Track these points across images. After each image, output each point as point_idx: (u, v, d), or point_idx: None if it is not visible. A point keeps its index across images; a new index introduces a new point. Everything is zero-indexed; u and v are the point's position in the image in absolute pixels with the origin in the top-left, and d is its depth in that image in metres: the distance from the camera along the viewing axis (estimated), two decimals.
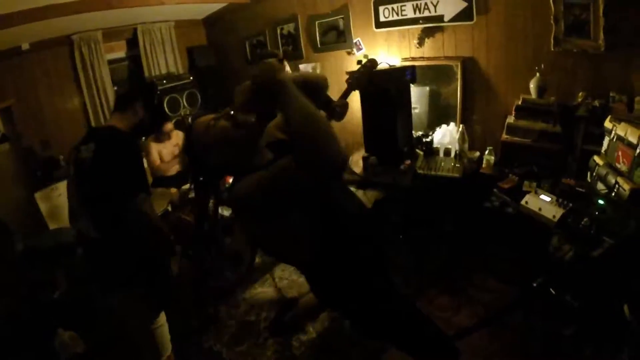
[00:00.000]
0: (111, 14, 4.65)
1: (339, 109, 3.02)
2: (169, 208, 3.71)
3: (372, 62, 2.99)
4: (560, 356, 2.54)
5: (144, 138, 4.92)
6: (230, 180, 1.71)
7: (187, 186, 4.32)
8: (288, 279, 3.92)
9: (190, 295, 3.58)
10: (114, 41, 5.89)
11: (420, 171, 3.71)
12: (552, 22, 3.25)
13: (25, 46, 5.03)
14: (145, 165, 4.96)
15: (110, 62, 5.83)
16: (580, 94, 3.20)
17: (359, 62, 3.42)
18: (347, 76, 2.93)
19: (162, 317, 2.67)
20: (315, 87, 1.88)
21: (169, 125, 4.67)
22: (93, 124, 5.65)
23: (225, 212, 5.12)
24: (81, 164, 2.23)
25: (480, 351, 2.68)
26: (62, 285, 3.42)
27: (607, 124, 2.77)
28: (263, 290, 3.82)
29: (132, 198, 2.20)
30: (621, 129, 2.60)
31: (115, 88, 5.83)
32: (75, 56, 5.41)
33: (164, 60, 6.21)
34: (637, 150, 2.40)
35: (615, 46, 2.99)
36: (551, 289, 2.63)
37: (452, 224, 3.73)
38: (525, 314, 2.83)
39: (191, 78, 6.18)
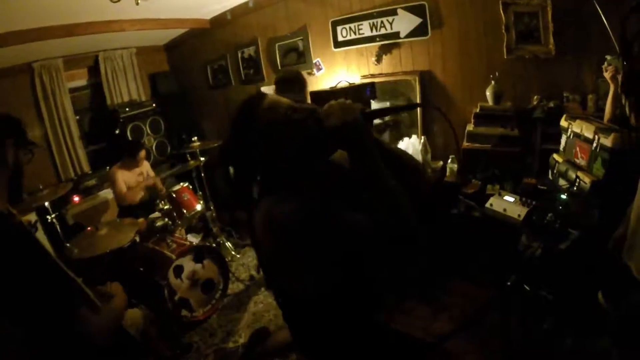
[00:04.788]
0: (72, 41, 4.58)
1: None
2: (137, 238, 3.61)
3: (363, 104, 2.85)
4: (542, 350, 2.56)
5: (108, 167, 4.84)
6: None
7: (154, 215, 4.23)
8: (263, 302, 3.83)
9: (161, 326, 3.45)
10: (75, 69, 5.75)
11: None
12: (503, 31, 3.39)
13: None
14: (110, 195, 4.89)
15: (72, 90, 5.66)
16: (535, 97, 3.34)
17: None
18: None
19: None
20: None
21: (143, 153, 4.61)
22: (56, 155, 5.45)
23: (194, 238, 5.04)
24: None
25: (462, 355, 2.66)
26: None
27: (563, 122, 2.88)
28: (238, 316, 3.70)
29: (69, 320, 1.51)
30: (577, 126, 2.70)
31: (77, 117, 5.70)
32: (36, 84, 5.24)
33: (126, 88, 6.09)
34: (594, 145, 2.49)
35: (565, 49, 3.16)
36: (525, 286, 2.66)
37: (423, 236, 3.74)
38: (502, 313, 2.84)
39: (154, 105, 6.11)
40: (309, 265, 1.25)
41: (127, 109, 5.77)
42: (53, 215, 3.74)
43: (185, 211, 4.18)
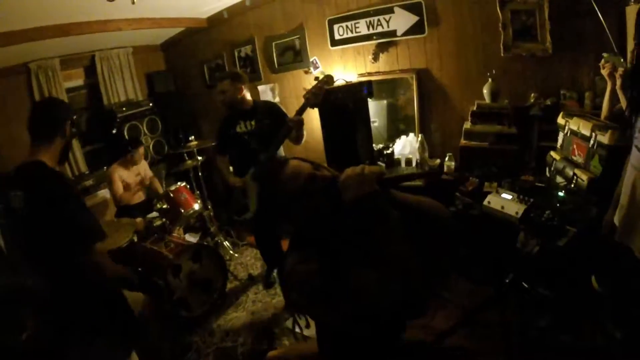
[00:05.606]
0: (68, 41, 4.55)
1: (292, 124, 3.06)
2: (135, 238, 3.60)
3: (328, 78, 3.12)
4: (539, 347, 2.56)
5: (105, 167, 4.83)
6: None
7: (152, 214, 4.23)
8: (262, 301, 3.83)
9: (159, 326, 3.44)
10: (72, 69, 5.72)
11: None
12: (500, 29, 3.39)
13: None
14: (108, 195, 4.88)
15: (69, 90, 5.63)
16: (532, 94, 3.34)
17: (316, 78, 3.49)
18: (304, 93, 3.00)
19: (134, 358, 2.49)
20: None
21: (142, 150, 4.61)
22: None
23: (192, 238, 5.03)
24: (13, 214, 1.97)
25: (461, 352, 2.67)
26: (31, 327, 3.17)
27: (560, 120, 2.89)
28: (237, 315, 3.70)
29: (83, 250, 1.98)
30: (574, 124, 2.71)
31: (74, 117, 5.65)
32: (33, 85, 5.20)
33: (123, 87, 6.07)
34: (591, 142, 2.50)
35: (562, 47, 3.16)
36: (524, 283, 2.67)
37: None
38: (501, 311, 2.85)
39: (151, 104, 6.08)
40: (325, 316, 1.43)
41: (124, 109, 5.75)
42: None
43: (183, 210, 4.17)
